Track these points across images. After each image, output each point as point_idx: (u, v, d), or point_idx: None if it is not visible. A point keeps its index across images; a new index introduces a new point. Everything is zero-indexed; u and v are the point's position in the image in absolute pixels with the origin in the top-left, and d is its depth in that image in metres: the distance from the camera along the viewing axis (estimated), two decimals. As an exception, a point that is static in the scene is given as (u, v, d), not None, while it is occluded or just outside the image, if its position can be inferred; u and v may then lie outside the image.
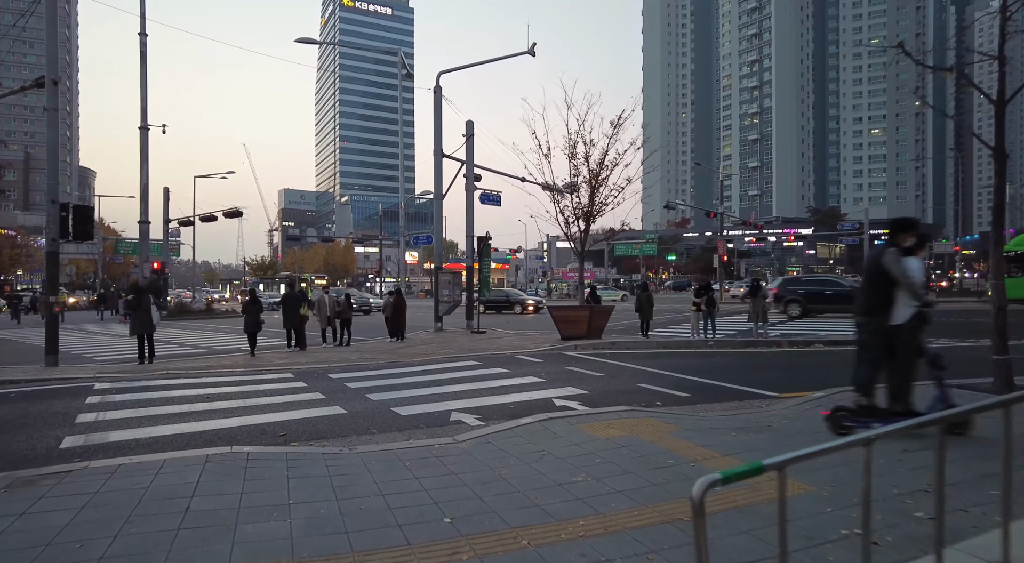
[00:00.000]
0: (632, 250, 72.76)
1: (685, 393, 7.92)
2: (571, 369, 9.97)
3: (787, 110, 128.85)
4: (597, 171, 15.39)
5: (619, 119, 15.28)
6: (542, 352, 12.57)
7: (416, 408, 7.06)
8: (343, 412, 6.90)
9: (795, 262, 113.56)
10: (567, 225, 15.66)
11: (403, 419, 6.55)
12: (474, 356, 12.00)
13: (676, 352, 12.66)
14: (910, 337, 5.18)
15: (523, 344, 14.26)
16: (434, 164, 20.53)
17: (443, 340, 16.40)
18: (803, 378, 9.09)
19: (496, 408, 7.05)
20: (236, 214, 29.07)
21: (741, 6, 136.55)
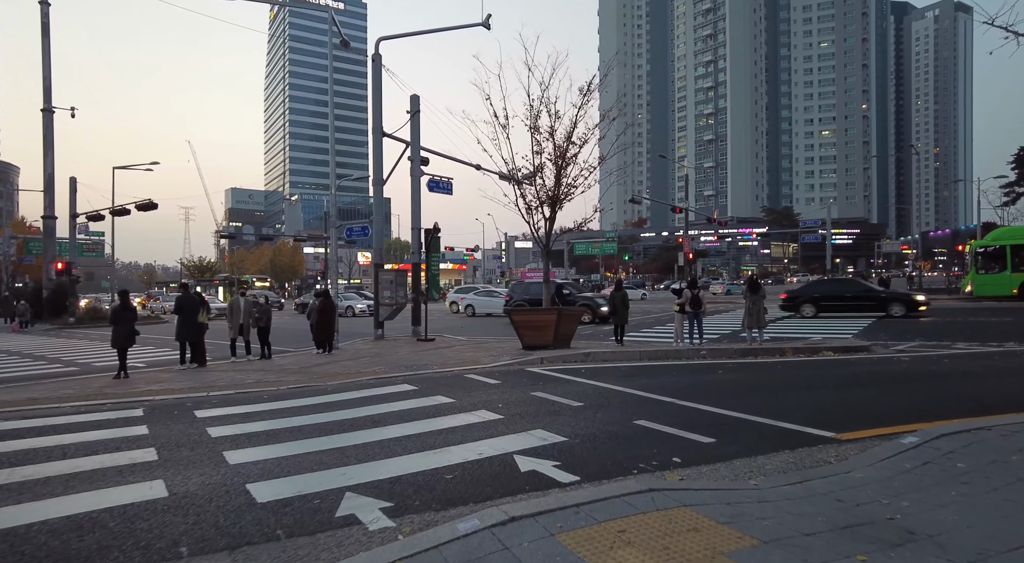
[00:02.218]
0: (592, 249, 71.02)
1: (706, 437, 5.40)
2: (539, 395, 7.36)
3: (741, 111, 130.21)
4: (564, 147, 12.86)
5: (589, 86, 12.80)
6: (500, 368, 9.92)
7: (290, 483, 4.30)
8: (161, 496, 4.08)
9: (750, 261, 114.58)
10: (529, 211, 13.07)
11: (256, 511, 3.78)
12: (412, 376, 9.25)
13: (666, 366, 10.21)
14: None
15: (477, 357, 11.58)
16: (372, 143, 17.67)
17: (380, 351, 13.58)
18: (844, 402, 6.73)
19: (424, 480, 4.35)
20: (150, 207, 25.45)
21: (696, 7, 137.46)
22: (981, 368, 9.31)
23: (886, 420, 5.94)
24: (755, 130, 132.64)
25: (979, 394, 7.22)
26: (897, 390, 7.52)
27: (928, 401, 6.90)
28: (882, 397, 7.11)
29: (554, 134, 12.95)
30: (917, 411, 6.35)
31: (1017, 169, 57.15)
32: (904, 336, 14.32)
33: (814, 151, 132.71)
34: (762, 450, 4.99)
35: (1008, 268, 24.90)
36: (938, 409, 6.40)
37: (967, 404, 6.61)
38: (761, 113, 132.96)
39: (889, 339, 13.84)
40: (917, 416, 6.07)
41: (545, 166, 12.95)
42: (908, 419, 5.91)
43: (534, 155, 12.85)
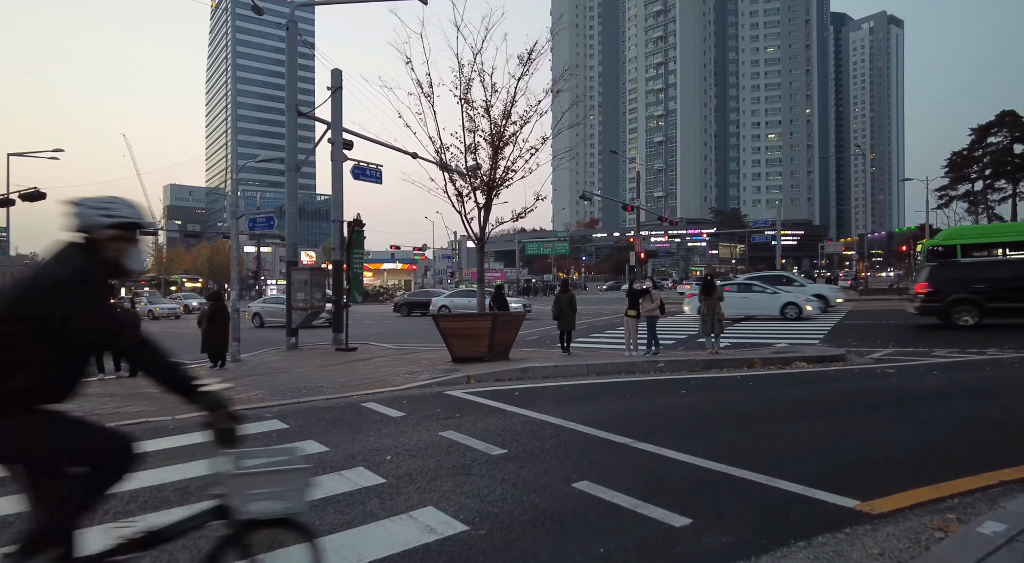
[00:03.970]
0: (544, 249, 69.66)
1: (677, 514, 3.58)
2: (449, 437, 5.42)
3: (691, 113, 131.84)
4: (502, 125, 10.97)
5: (530, 54, 10.93)
6: (413, 392, 7.93)
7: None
8: None
9: (699, 262, 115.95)
10: (460, 199, 11.13)
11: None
12: (292, 407, 7.17)
13: (618, 385, 8.43)
14: None
15: (392, 374, 9.55)
16: (287, 123, 15.39)
17: (281, 366, 11.38)
18: (849, 440, 5.06)
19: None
20: (36, 197, 22.28)
21: (647, 9, 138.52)
22: (982, 383, 7.93)
23: (917, 473, 4.28)
24: (704, 132, 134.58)
25: (1007, 421, 5.71)
26: (905, 418, 5.94)
27: (952, 436, 5.32)
28: (892, 430, 5.51)
29: (490, 110, 11.05)
30: (947, 454, 4.75)
31: (950, 174, 58.90)
32: (874, 341, 13.09)
33: (760, 154, 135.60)
34: (765, 540, 3.21)
35: (959, 268, 24.49)
36: (972, 450, 4.81)
37: (1000, 440, 5.06)
38: (710, 115, 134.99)
39: (859, 345, 12.55)
40: (951, 463, 4.45)
41: (479, 146, 11.04)
42: (945, 470, 4.27)
43: (465, 132, 10.91)
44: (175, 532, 2.13)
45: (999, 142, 55.16)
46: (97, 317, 2.01)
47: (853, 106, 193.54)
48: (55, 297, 1.94)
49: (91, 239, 2.06)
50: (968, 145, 57.18)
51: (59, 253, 2.06)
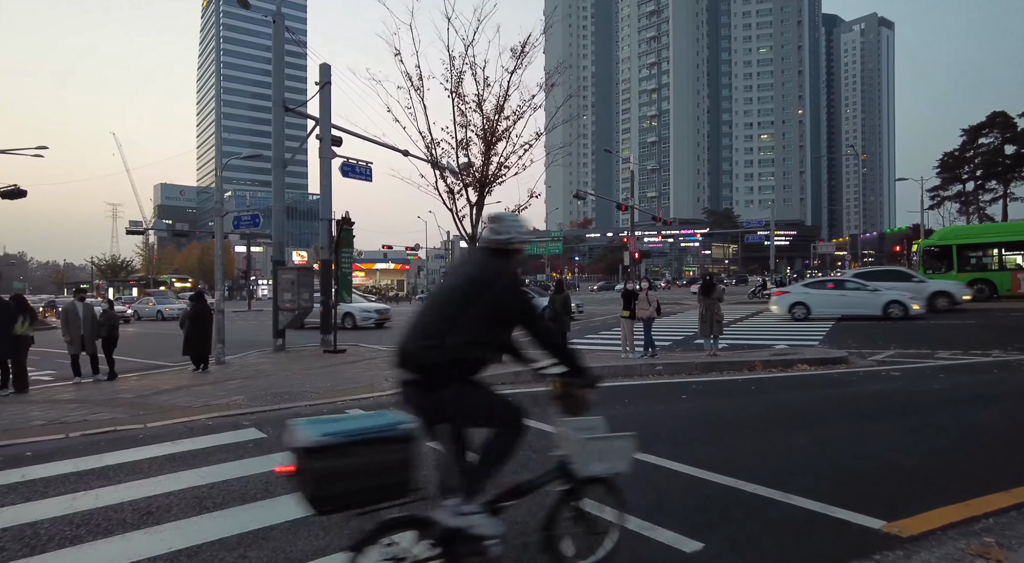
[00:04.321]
0: (537, 249, 69.31)
1: (687, 537, 3.26)
2: (434, 446, 5.06)
3: (684, 113, 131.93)
4: (495, 120, 10.62)
5: (523, 47, 10.59)
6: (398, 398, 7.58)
7: None
8: None
9: (692, 262, 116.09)
10: (451, 195, 10.77)
11: None
12: (272, 414, 6.79)
13: (616, 389, 8.10)
14: None
15: (379, 378, 9.18)
16: (273, 118, 14.99)
17: (266, 369, 10.98)
18: (863, 450, 4.75)
19: None
20: (16, 194, 21.73)
21: (640, 9, 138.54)
22: (993, 387, 7.65)
23: (941, 488, 3.97)
24: (697, 133, 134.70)
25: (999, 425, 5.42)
26: (918, 426, 5.64)
27: (971, 446, 5.01)
28: (906, 439, 5.19)
29: (482, 105, 10.71)
30: (969, 466, 4.43)
31: (942, 174, 59.07)
32: (875, 343, 12.81)
33: (753, 154, 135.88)
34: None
35: (954, 268, 24.37)
36: (995, 461, 4.51)
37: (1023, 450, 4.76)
38: (703, 116, 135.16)
39: (860, 346, 12.28)
40: (976, 476, 4.14)
41: (472, 142, 10.69)
42: (970, 485, 3.96)
43: (456, 126, 10.56)
44: (534, 485, 2.57)
45: (990, 143, 55.33)
46: (528, 306, 2.51)
47: (844, 107, 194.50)
48: (512, 291, 2.47)
49: (507, 250, 2.58)
50: (959, 146, 57.32)
51: (489, 259, 2.58)
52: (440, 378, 2.37)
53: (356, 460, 2.07)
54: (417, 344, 2.40)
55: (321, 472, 2.03)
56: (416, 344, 2.40)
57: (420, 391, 2.41)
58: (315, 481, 2.04)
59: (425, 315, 2.49)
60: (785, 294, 20.20)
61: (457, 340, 2.34)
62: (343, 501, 2.12)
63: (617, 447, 2.60)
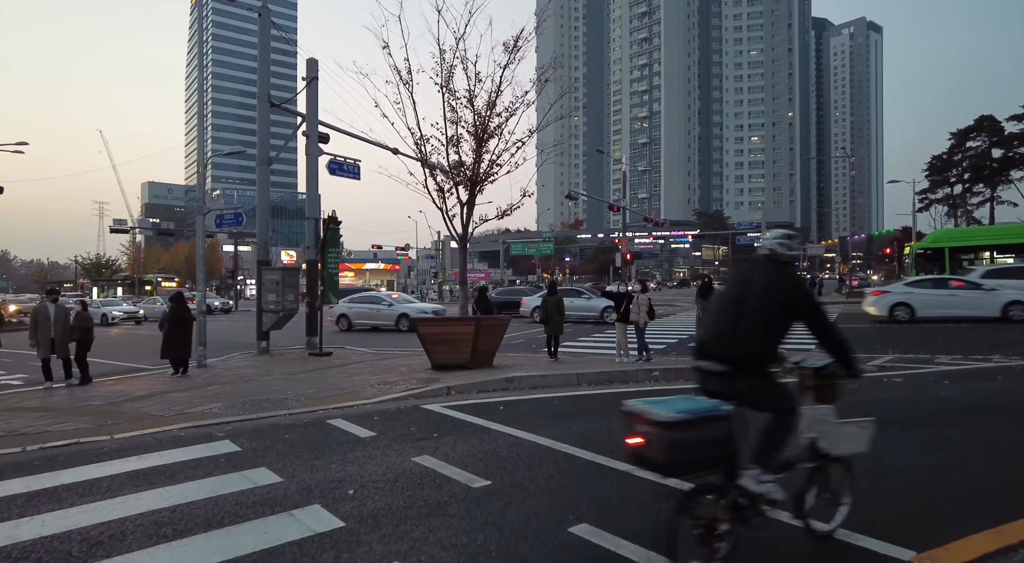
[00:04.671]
0: (528, 250, 69.06)
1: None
2: (424, 464, 4.69)
3: (675, 115, 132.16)
4: (486, 116, 10.27)
5: (516, 41, 10.25)
6: (387, 405, 7.18)
7: None
8: None
9: (682, 263, 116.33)
10: (441, 194, 10.41)
11: None
12: (249, 423, 6.40)
13: (612, 396, 7.76)
14: None
15: (365, 383, 8.79)
16: (258, 113, 14.57)
17: (247, 373, 10.56)
18: (879, 463, 4.43)
19: None
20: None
21: (632, 10, 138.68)
22: (1001, 396, 7.40)
23: (968, 511, 3.67)
24: (688, 134, 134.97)
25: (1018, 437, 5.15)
26: (932, 440, 5.35)
27: (991, 462, 4.72)
28: (922, 455, 4.89)
29: (474, 101, 10.35)
30: (994, 485, 4.14)
31: (931, 177, 59.38)
32: (873, 347, 12.58)
33: (743, 156, 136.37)
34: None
35: (946, 270, 24.28)
36: (1020, 479, 4.22)
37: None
38: (694, 117, 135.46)
39: (858, 351, 12.03)
40: (1002, 497, 3.85)
41: (462, 139, 10.32)
42: (998, 507, 3.67)
43: (446, 122, 10.19)
44: (791, 463, 2.96)
45: (978, 147, 55.64)
46: (817, 306, 2.93)
47: (834, 110, 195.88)
48: (806, 294, 2.91)
49: (791, 261, 3.10)
50: (948, 149, 57.61)
51: (784, 268, 3.02)
52: (743, 369, 2.79)
53: (700, 433, 2.52)
54: (722, 340, 2.87)
55: (676, 442, 2.48)
56: (721, 340, 2.87)
57: (724, 379, 2.82)
58: (669, 450, 2.49)
59: (723, 317, 2.96)
60: (885, 294, 18.55)
61: (757, 337, 2.81)
62: (685, 467, 2.60)
63: (859, 431, 3.11)
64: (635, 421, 2.61)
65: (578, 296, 22.19)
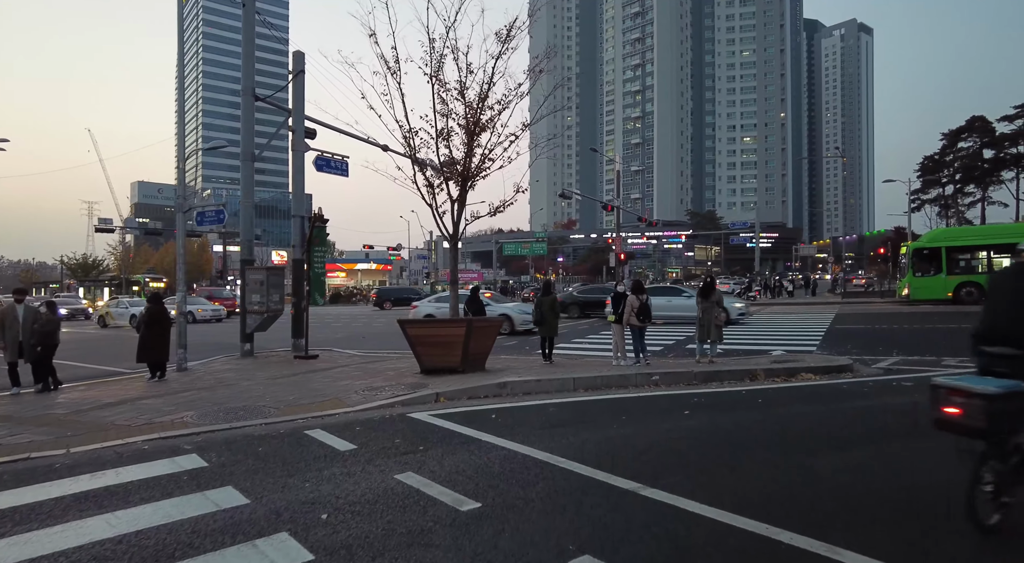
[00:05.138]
0: (521, 250, 68.68)
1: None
2: (407, 483, 4.26)
3: (668, 115, 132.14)
4: (477, 110, 9.83)
5: (509, 30, 9.82)
6: (371, 414, 6.73)
7: None
8: None
9: (674, 263, 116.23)
10: (431, 190, 9.96)
11: None
12: (220, 434, 5.93)
13: (610, 403, 7.36)
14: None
15: (350, 389, 8.33)
16: (242, 107, 14.06)
17: (228, 377, 10.07)
18: (908, 479, 4.02)
19: None
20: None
21: (624, 11, 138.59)
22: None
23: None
24: (680, 135, 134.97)
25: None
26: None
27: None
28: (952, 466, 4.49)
29: (465, 92, 9.91)
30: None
31: (922, 178, 59.44)
32: (876, 349, 12.24)
33: (736, 156, 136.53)
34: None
35: (943, 271, 24.09)
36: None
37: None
38: (686, 118, 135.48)
39: (861, 352, 11.71)
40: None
41: (453, 132, 9.87)
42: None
43: (436, 115, 9.72)
44: None
45: (969, 147, 55.69)
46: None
47: (825, 111, 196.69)
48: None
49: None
50: (939, 150, 57.65)
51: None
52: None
53: (1012, 405, 3.05)
54: (1014, 327, 3.29)
55: (997, 413, 3.02)
56: (1013, 327, 3.30)
57: (1015, 362, 3.22)
58: (990, 418, 3.03)
59: (1011, 307, 3.38)
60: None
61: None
62: (998, 433, 3.13)
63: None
64: (952, 394, 3.22)
65: (677, 294, 20.14)
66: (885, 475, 4.30)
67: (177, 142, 12.10)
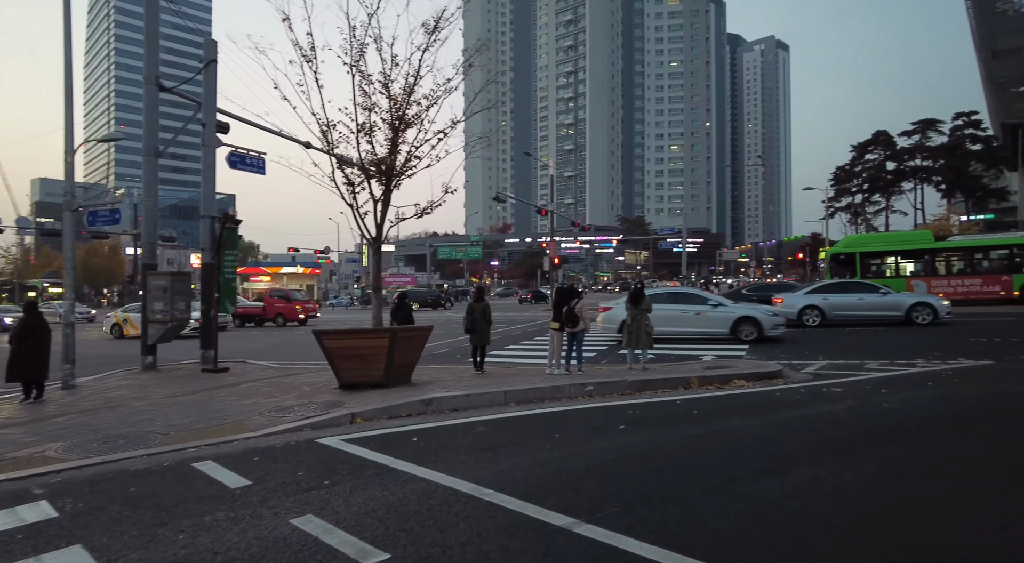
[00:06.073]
0: (456, 253, 67.88)
1: None
2: (306, 528, 3.61)
3: (599, 123, 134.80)
4: (403, 104, 9.20)
5: (437, 22, 9.25)
6: (274, 440, 5.98)
7: None
8: None
9: (606, 267, 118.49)
10: (351, 189, 9.23)
11: None
12: (89, 471, 5.05)
13: (544, 418, 6.91)
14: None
15: (258, 408, 7.49)
16: (144, 98, 12.81)
17: (119, 395, 8.96)
18: (849, 503, 3.75)
19: None
20: None
21: (558, 18, 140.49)
22: (941, 404, 7.11)
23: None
24: (611, 142, 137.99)
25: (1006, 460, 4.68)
26: (898, 464, 4.79)
27: (971, 492, 4.16)
28: (897, 484, 4.29)
29: (389, 85, 9.26)
30: (991, 523, 3.53)
31: (835, 186, 63.13)
32: (803, 353, 12.44)
33: (664, 164, 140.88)
34: None
35: (857, 274, 25.29)
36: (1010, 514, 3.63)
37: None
38: (617, 126, 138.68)
39: (789, 357, 11.83)
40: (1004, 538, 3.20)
41: (376, 127, 9.19)
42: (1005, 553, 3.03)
43: (357, 108, 9.02)
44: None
45: (875, 159, 59.59)
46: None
47: (747, 122, 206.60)
48: None
49: None
50: (850, 161, 61.36)
51: None
52: None
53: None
54: None
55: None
56: None
57: None
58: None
59: None
60: None
61: None
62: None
63: None
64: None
65: (873, 291, 18.19)
66: (830, 500, 4.02)
67: (65, 130, 10.76)
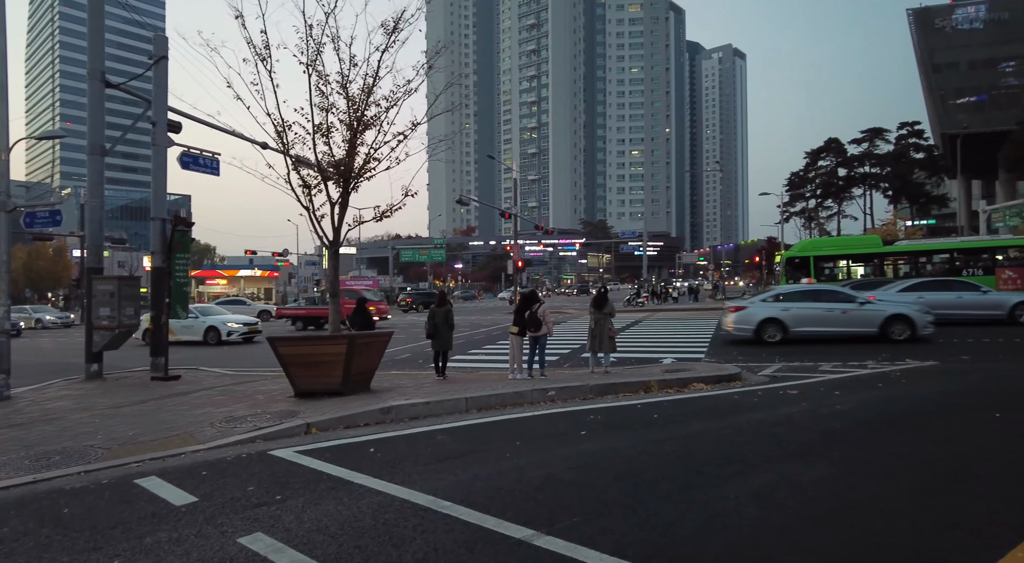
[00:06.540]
0: (420, 256, 67.31)
1: None
2: (254, 548, 3.44)
3: (562, 127, 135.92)
4: (361, 105, 9.01)
5: (397, 23, 9.10)
6: (224, 452, 5.73)
7: None
8: None
9: (569, 270, 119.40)
10: (307, 191, 8.99)
11: None
12: (17, 492, 4.73)
13: (505, 425, 6.83)
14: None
15: (208, 419, 7.19)
16: (88, 94, 12.25)
17: (58, 407, 8.50)
18: (810, 508, 3.78)
19: None
20: None
21: (521, 22, 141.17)
22: (893, 405, 7.31)
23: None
24: (574, 146, 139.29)
25: (964, 464, 4.82)
26: (854, 467, 4.88)
27: (926, 493, 4.26)
28: (854, 488, 4.36)
29: (348, 86, 9.06)
30: (946, 522, 3.61)
31: (790, 191, 65.12)
32: (759, 355, 12.70)
33: (625, 169, 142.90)
34: None
35: (811, 277, 26.08)
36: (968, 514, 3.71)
37: (982, 491, 4.07)
38: (580, 130, 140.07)
39: (746, 359, 12.06)
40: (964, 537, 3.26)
41: (334, 129, 8.99)
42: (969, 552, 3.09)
43: (312, 108, 8.81)
44: None
45: (827, 166, 61.70)
46: None
47: (705, 128, 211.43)
48: None
49: None
50: (803, 167, 63.35)
51: None
52: None
53: None
54: None
55: None
56: None
57: None
58: None
59: None
60: None
61: None
62: None
63: None
64: None
65: (973, 289, 16.74)
66: (788, 506, 4.06)
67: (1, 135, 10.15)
